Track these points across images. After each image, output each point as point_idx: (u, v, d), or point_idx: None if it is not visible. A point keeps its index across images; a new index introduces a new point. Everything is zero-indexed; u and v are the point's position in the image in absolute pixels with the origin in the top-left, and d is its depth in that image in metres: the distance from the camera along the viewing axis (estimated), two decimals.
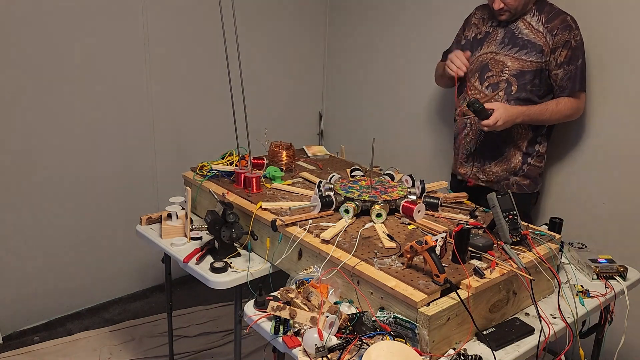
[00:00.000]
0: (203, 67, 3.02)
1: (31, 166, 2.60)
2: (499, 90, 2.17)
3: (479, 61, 2.26)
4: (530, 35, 2.15)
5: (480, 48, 2.27)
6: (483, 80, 2.23)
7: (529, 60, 2.14)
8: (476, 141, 2.29)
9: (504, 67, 2.18)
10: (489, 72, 2.22)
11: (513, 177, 2.28)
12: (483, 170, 2.31)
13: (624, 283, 1.76)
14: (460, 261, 1.48)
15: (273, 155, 2.29)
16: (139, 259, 3.08)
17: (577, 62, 2.13)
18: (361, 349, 1.31)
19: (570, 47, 2.12)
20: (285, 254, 1.73)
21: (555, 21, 2.12)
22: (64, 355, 2.58)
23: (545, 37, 2.12)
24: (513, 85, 2.17)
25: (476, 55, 2.28)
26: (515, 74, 2.16)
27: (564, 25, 2.11)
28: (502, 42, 2.20)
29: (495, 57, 2.21)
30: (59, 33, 2.53)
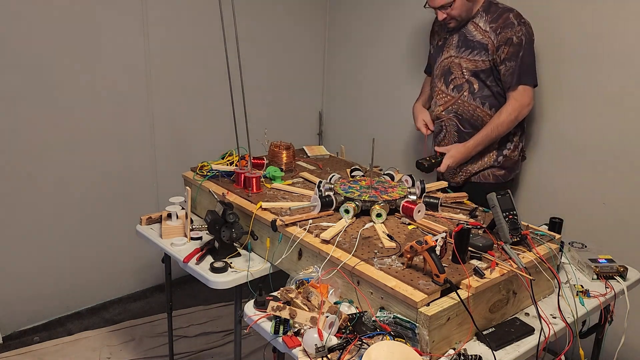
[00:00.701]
0: (203, 67, 3.02)
1: (31, 166, 2.60)
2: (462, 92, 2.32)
3: (441, 66, 2.40)
4: (479, 37, 2.26)
5: (441, 54, 2.40)
6: (448, 84, 2.37)
7: (480, 60, 2.26)
8: (453, 142, 2.40)
9: (463, 69, 2.31)
10: (451, 75, 2.35)
11: (488, 170, 2.40)
12: (460, 169, 2.42)
13: (624, 283, 1.76)
14: (460, 261, 1.48)
15: (273, 155, 2.29)
16: (139, 259, 3.08)
17: (518, 57, 2.20)
18: (361, 349, 1.31)
19: (512, 44, 2.19)
20: (285, 254, 1.73)
21: (498, 20, 2.22)
22: (64, 355, 2.57)
23: (490, 37, 2.23)
24: (474, 84, 2.30)
25: (439, 61, 2.41)
26: (472, 74, 2.29)
27: (506, 23, 2.20)
28: (458, 46, 2.33)
29: (454, 61, 2.33)
30: (58, 33, 2.53)
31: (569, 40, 2.36)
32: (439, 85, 2.40)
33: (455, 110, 2.36)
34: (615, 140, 2.29)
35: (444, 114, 2.40)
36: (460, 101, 2.33)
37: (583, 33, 2.31)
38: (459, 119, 2.37)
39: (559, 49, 2.39)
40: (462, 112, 2.35)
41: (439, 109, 2.42)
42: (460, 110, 2.35)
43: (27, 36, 2.45)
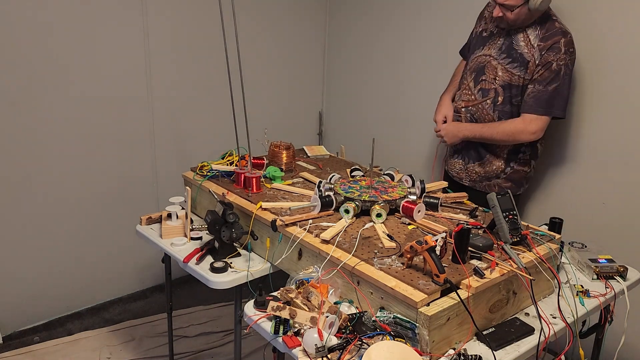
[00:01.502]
0: (203, 67, 3.02)
1: (31, 166, 2.60)
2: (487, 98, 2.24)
3: (477, 62, 2.29)
4: (524, 50, 2.15)
5: (482, 47, 2.29)
6: (477, 83, 2.27)
7: (517, 74, 2.16)
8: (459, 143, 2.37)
9: (496, 75, 2.21)
10: (483, 76, 2.25)
11: (495, 180, 2.33)
12: (467, 169, 2.38)
13: (624, 283, 1.76)
14: (460, 261, 1.48)
15: (273, 155, 2.29)
16: (139, 259, 3.08)
17: (551, 85, 2.11)
18: (361, 349, 1.31)
19: (549, 69, 2.10)
20: (285, 254, 1.73)
21: (548, 41, 2.11)
22: (64, 355, 2.58)
23: (534, 55, 2.13)
24: (500, 96, 2.21)
25: (476, 54, 2.30)
26: (503, 85, 2.19)
27: (553, 47, 2.09)
28: (500, 49, 2.22)
29: (492, 63, 2.23)
30: (59, 34, 2.53)
31: None
32: (468, 80, 2.32)
33: (473, 113, 2.29)
34: (615, 140, 2.29)
35: (463, 111, 2.33)
36: (480, 106, 2.25)
37: (589, 35, 2.31)
38: (473, 121, 2.31)
39: None
40: (479, 117, 2.28)
41: (461, 103, 2.34)
42: (477, 115, 2.28)
43: (27, 36, 2.45)
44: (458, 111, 2.36)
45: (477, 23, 2.39)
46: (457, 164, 2.41)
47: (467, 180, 2.39)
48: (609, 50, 2.25)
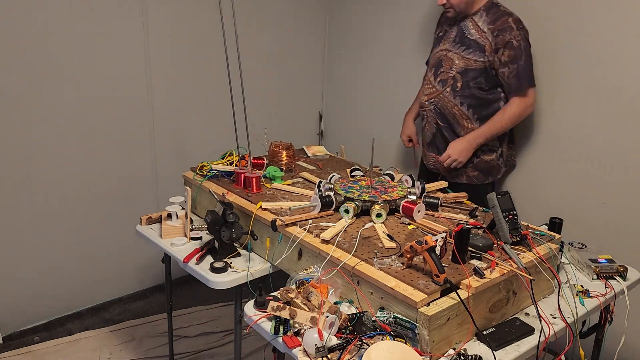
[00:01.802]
0: (203, 67, 3.02)
1: (31, 166, 2.60)
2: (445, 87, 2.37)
3: (435, 57, 2.45)
4: (476, 36, 2.28)
5: (438, 45, 2.45)
6: (436, 75, 2.41)
7: (474, 59, 2.28)
8: (432, 132, 2.48)
9: (452, 64, 2.34)
10: (441, 69, 2.39)
11: (463, 169, 2.43)
12: (438, 160, 2.47)
13: (624, 283, 1.76)
14: (460, 261, 1.48)
15: (273, 155, 2.29)
16: (139, 259, 3.08)
17: (520, 60, 2.23)
18: (361, 349, 1.31)
19: (512, 47, 2.22)
20: (285, 254, 1.73)
21: (497, 22, 2.24)
22: (64, 355, 2.58)
23: (488, 38, 2.25)
24: (458, 82, 2.33)
25: (434, 52, 2.47)
26: (460, 71, 2.32)
27: (505, 27, 2.22)
28: (454, 41, 2.36)
29: (447, 55, 2.37)
30: (58, 34, 2.53)
31: (564, 40, 2.36)
32: (429, 75, 2.46)
33: (436, 104, 2.41)
34: (616, 140, 2.29)
35: (427, 104, 2.46)
36: (442, 95, 2.38)
37: (578, 32, 2.31)
38: (437, 112, 2.42)
39: (554, 49, 2.40)
40: (442, 106, 2.40)
41: (424, 98, 2.48)
42: (440, 105, 2.40)
43: (26, 36, 2.45)
44: (423, 106, 2.49)
45: (435, 30, 2.56)
46: (432, 157, 2.52)
47: (442, 170, 2.49)
48: (607, 47, 2.25)
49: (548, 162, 2.52)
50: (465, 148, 2.35)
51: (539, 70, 2.40)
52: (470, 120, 2.36)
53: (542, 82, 2.47)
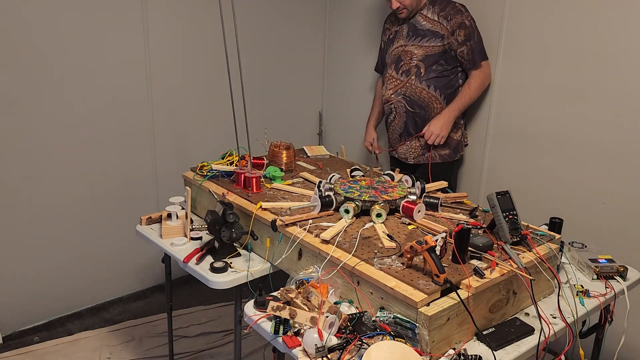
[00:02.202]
0: (203, 67, 3.02)
1: (31, 166, 2.60)
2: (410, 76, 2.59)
3: (392, 55, 2.68)
4: (429, 26, 2.54)
5: (392, 45, 2.69)
6: (398, 69, 2.64)
7: (432, 45, 2.54)
8: (403, 122, 2.66)
9: (412, 55, 2.58)
10: (401, 62, 2.62)
11: (434, 149, 2.64)
12: (410, 147, 2.69)
13: (624, 283, 1.76)
14: (460, 261, 1.48)
15: (273, 155, 2.29)
16: (139, 259, 3.08)
17: (474, 37, 2.52)
18: (361, 349, 1.31)
19: (465, 27, 2.50)
20: (285, 254, 1.73)
21: (447, 9, 2.52)
22: (64, 355, 2.58)
23: (442, 24, 2.52)
24: (422, 69, 2.57)
25: (390, 52, 2.69)
26: (422, 59, 2.56)
27: (455, 10, 2.51)
28: (408, 36, 2.61)
29: (405, 49, 2.61)
30: (59, 34, 2.53)
31: (568, 39, 2.36)
32: (389, 72, 2.68)
33: (404, 93, 2.62)
34: (616, 140, 2.29)
35: (393, 97, 2.65)
36: (408, 84, 2.60)
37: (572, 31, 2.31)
38: (407, 100, 2.62)
39: (549, 49, 2.40)
40: (410, 94, 2.61)
41: (389, 92, 2.67)
42: (408, 93, 2.61)
43: (26, 36, 2.45)
44: (389, 101, 2.68)
45: (382, 37, 2.82)
46: (401, 147, 2.71)
47: (411, 158, 2.70)
48: (607, 45, 2.25)
49: (548, 162, 2.52)
50: (445, 122, 2.56)
51: (543, 68, 2.40)
52: (439, 101, 2.59)
53: (544, 83, 2.47)
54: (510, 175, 2.67)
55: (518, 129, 2.60)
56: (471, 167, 2.84)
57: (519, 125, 2.60)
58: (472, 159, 2.83)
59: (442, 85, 2.58)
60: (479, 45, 2.54)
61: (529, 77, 2.53)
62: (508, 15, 2.54)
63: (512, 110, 2.63)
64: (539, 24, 2.44)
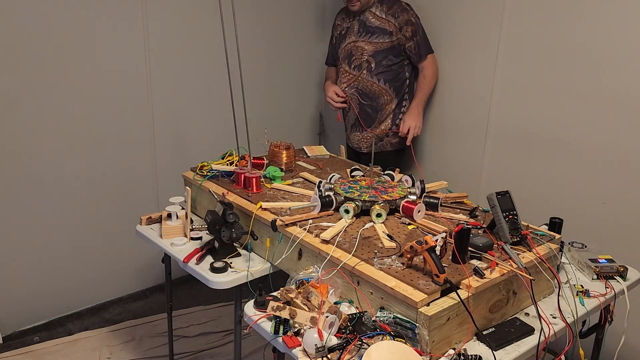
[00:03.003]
0: (203, 67, 3.02)
1: (31, 166, 2.60)
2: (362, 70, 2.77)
3: (345, 50, 2.84)
4: (378, 23, 2.72)
5: (344, 41, 2.85)
6: (350, 64, 2.81)
7: (381, 42, 2.72)
8: (356, 113, 2.85)
9: (363, 51, 2.76)
10: (353, 57, 2.79)
11: (386, 138, 2.86)
12: (363, 137, 2.89)
13: (624, 283, 1.76)
14: (460, 261, 1.48)
15: (273, 155, 2.29)
16: (139, 259, 3.08)
17: (419, 33, 2.74)
18: (361, 349, 1.31)
19: (412, 24, 2.71)
20: (285, 254, 1.73)
21: (394, 7, 2.72)
22: (64, 355, 2.58)
23: (390, 22, 2.70)
24: (372, 63, 2.75)
25: (342, 47, 2.85)
26: (372, 54, 2.74)
27: (402, 9, 2.71)
28: (359, 32, 2.77)
29: (356, 45, 2.78)
30: (59, 33, 2.53)
31: (568, 39, 2.36)
32: (343, 67, 2.85)
33: (356, 86, 2.81)
34: (616, 140, 2.29)
35: (347, 90, 2.83)
36: (360, 78, 2.78)
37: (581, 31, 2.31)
38: (359, 93, 2.81)
39: (549, 49, 2.40)
40: (362, 87, 2.79)
41: (342, 85, 2.85)
42: (360, 86, 2.80)
43: (26, 36, 2.45)
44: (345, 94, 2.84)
45: (333, 33, 2.97)
46: (356, 137, 2.93)
47: (364, 147, 2.91)
48: (611, 46, 2.25)
49: (548, 162, 2.52)
50: (418, 114, 2.80)
51: (548, 71, 2.40)
52: (388, 93, 2.79)
53: (544, 83, 2.47)
54: (510, 175, 2.67)
55: (518, 129, 2.60)
56: (471, 167, 2.84)
57: (519, 125, 2.60)
58: (472, 159, 2.83)
59: (391, 78, 2.77)
60: (424, 39, 2.76)
61: (529, 77, 2.53)
62: (508, 15, 2.54)
63: (512, 110, 2.63)
64: (538, 24, 2.44)
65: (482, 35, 2.64)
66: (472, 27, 2.71)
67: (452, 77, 2.85)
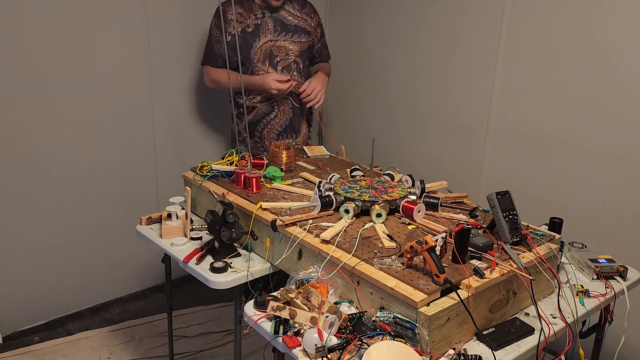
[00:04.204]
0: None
1: (31, 166, 2.61)
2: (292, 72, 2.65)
3: (262, 50, 2.60)
4: (295, 21, 2.64)
5: (258, 39, 2.58)
6: (275, 65, 2.62)
7: (302, 41, 2.66)
8: (288, 117, 2.71)
9: (288, 51, 2.63)
10: (276, 58, 2.62)
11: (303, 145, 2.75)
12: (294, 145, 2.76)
13: (624, 283, 1.76)
14: (460, 261, 1.48)
15: (273, 155, 2.29)
16: (139, 259, 3.08)
17: (324, 36, 2.81)
18: (361, 349, 1.31)
19: (321, 25, 2.76)
20: (285, 254, 1.73)
21: (306, 8, 2.70)
22: (64, 355, 2.58)
23: (307, 21, 2.68)
24: (300, 64, 2.68)
25: (257, 46, 2.59)
26: (298, 54, 2.66)
27: (313, 10, 2.73)
28: (276, 31, 2.60)
29: (276, 44, 2.61)
30: (60, 33, 2.53)
31: (568, 39, 2.36)
32: (264, 68, 2.60)
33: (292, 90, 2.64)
34: (616, 140, 2.29)
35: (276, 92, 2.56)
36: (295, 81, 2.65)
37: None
38: (293, 95, 2.68)
39: (549, 49, 2.40)
40: (295, 89, 2.64)
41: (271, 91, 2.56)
42: (293, 89, 2.63)
43: (27, 35, 2.46)
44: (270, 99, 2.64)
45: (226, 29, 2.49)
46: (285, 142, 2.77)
47: None
48: (614, 44, 2.25)
49: (548, 162, 2.52)
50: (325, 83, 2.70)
51: (546, 72, 2.40)
52: None
53: (544, 83, 2.47)
54: (510, 175, 2.67)
55: (518, 129, 2.60)
56: (471, 167, 2.84)
57: (519, 125, 2.60)
58: (472, 159, 2.83)
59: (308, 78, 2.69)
60: (326, 43, 2.84)
61: (528, 77, 2.53)
62: (508, 15, 2.54)
63: (512, 110, 2.63)
64: (539, 24, 2.44)
65: (482, 35, 2.64)
66: (472, 26, 2.71)
67: (452, 77, 2.85)
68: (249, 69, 2.59)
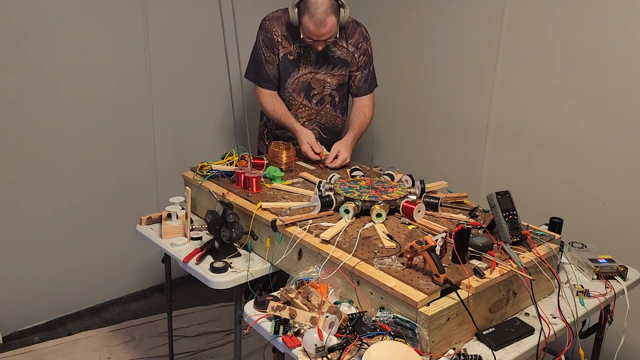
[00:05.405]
0: (203, 66, 3.02)
1: (31, 166, 2.60)
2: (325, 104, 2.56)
3: (300, 82, 2.51)
4: (339, 53, 2.48)
5: (297, 69, 2.49)
6: (310, 98, 2.54)
7: (342, 74, 2.53)
8: None
9: (325, 84, 2.52)
10: (313, 90, 2.53)
11: None
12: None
13: (624, 283, 1.76)
14: (460, 261, 1.48)
15: (273, 155, 2.29)
16: (139, 259, 3.08)
17: (371, 65, 2.56)
18: (361, 349, 1.31)
19: (367, 54, 2.53)
20: (285, 254, 1.73)
21: (355, 35, 2.49)
22: (64, 355, 2.58)
23: (350, 51, 2.49)
24: (335, 98, 2.57)
25: (295, 77, 2.50)
26: (335, 87, 2.54)
27: (362, 37, 2.50)
28: (318, 63, 2.49)
29: (315, 77, 2.51)
30: (60, 32, 2.53)
31: (567, 40, 2.36)
32: (299, 100, 2.54)
33: (319, 121, 2.60)
34: (616, 139, 2.29)
35: (308, 125, 2.57)
36: (322, 113, 2.58)
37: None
38: (321, 128, 2.61)
39: (548, 49, 2.40)
40: (325, 122, 2.60)
41: (301, 121, 2.56)
42: (323, 121, 2.60)
43: (27, 35, 2.45)
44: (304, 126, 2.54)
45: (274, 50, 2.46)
46: None
47: None
48: (614, 45, 2.25)
49: (548, 162, 2.52)
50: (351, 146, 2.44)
51: (537, 72, 2.40)
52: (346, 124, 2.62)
53: (544, 83, 2.47)
54: (510, 175, 2.67)
55: (518, 129, 2.60)
56: (471, 167, 2.84)
57: (519, 125, 2.60)
58: (472, 159, 2.83)
59: (346, 109, 2.64)
60: (373, 74, 2.59)
61: (528, 77, 2.53)
62: (508, 15, 2.55)
63: (511, 110, 2.63)
64: (539, 24, 2.44)
65: (482, 36, 2.64)
66: (472, 27, 2.71)
67: (452, 77, 2.85)
68: (282, 96, 2.54)
